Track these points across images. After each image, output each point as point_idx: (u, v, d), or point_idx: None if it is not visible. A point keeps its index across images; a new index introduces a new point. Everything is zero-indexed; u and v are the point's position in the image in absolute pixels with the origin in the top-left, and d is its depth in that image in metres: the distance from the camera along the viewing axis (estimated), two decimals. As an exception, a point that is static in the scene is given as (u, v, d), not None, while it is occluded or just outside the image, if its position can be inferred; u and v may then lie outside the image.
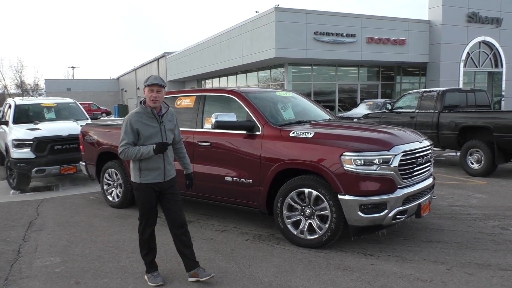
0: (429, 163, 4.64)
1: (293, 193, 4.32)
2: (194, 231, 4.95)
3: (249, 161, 4.67)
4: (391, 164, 4.01)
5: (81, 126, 7.16)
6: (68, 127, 8.03)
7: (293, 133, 4.44)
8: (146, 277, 3.63)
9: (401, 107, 10.31)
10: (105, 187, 6.42)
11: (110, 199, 6.34)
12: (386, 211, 3.98)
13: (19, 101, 9.21)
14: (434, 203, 5.89)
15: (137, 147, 3.40)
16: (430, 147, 4.69)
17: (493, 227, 4.96)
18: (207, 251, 4.33)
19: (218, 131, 4.90)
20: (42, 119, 8.72)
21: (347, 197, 3.96)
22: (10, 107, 8.99)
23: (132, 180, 3.54)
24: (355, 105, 20.07)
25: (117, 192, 6.26)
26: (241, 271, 3.81)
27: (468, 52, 21.71)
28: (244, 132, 4.76)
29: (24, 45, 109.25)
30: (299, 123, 4.94)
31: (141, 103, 3.49)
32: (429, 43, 21.24)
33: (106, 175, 6.35)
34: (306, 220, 4.30)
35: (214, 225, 5.25)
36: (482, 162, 8.13)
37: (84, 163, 6.93)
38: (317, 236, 4.23)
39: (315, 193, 4.17)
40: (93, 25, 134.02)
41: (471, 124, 8.33)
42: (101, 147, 6.35)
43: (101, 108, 39.70)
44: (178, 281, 3.62)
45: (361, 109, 16.16)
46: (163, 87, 3.43)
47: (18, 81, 54.62)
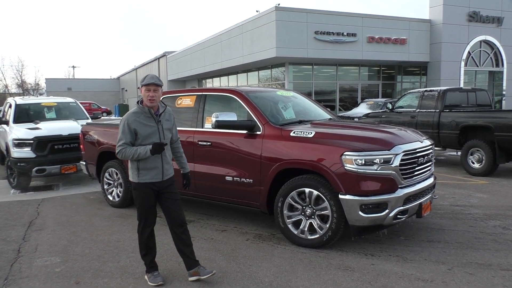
0: (430, 162, 4.63)
1: (293, 193, 4.31)
2: (195, 231, 4.95)
3: (250, 160, 4.66)
4: (392, 164, 4.00)
5: (82, 125, 7.16)
6: (69, 127, 8.04)
7: (294, 132, 4.43)
8: (146, 277, 3.62)
9: (401, 107, 10.30)
10: (105, 186, 6.41)
11: (111, 198, 6.34)
12: (387, 211, 3.97)
13: (20, 100, 9.21)
14: (435, 203, 5.88)
15: (134, 147, 3.40)
16: (431, 146, 4.67)
17: (494, 227, 4.95)
18: (207, 250, 4.32)
19: (219, 130, 4.89)
20: (42, 118, 8.72)
21: (348, 197, 3.95)
22: (10, 106, 8.98)
23: (131, 180, 3.54)
24: (355, 104, 20.04)
25: (118, 192, 6.25)
26: (241, 271, 3.81)
27: (469, 52, 21.68)
28: (245, 131, 4.75)
29: (25, 45, 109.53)
30: (300, 122, 4.93)
31: (138, 103, 3.49)
32: (429, 43, 21.21)
33: (107, 174, 6.34)
34: (307, 220, 4.29)
35: (214, 225, 5.24)
36: (483, 161, 8.11)
37: (84, 163, 6.93)
38: (317, 236, 4.22)
39: (315, 193, 4.16)
40: (93, 24, 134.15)
41: (472, 123, 8.32)
42: (102, 147, 6.35)
43: (102, 107, 39.72)
44: (178, 280, 3.62)
45: (362, 109, 16.14)
46: (160, 86, 3.43)
47: (19, 80, 54.71)
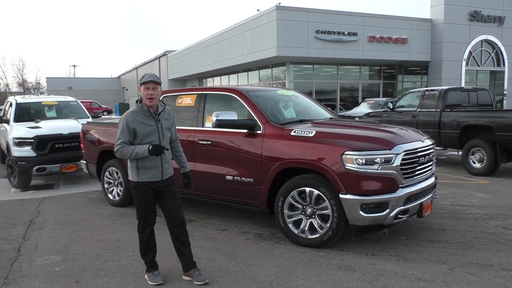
0: (431, 162, 4.61)
1: (294, 192, 4.30)
2: (195, 230, 4.95)
3: (250, 160, 4.65)
4: (392, 163, 3.99)
5: (82, 124, 7.15)
6: (69, 126, 8.05)
7: (295, 132, 4.42)
8: (146, 276, 3.62)
9: (402, 106, 10.28)
10: (105, 185, 6.41)
11: (111, 197, 6.34)
12: (387, 210, 3.96)
13: (20, 99, 9.21)
14: (436, 203, 5.87)
15: (132, 146, 3.39)
16: (432, 146, 4.66)
17: (495, 227, 4.94)
18: (207, 250, 4.31)
19: (219, 129, 4.89)
20: (43, 117, 8.73)
21: (348, 196, 3.94)
22: (11, 105, 8.99)
23: (130, 179, 3.53)
24: (356, 104, 20.01)
25: (118, 191, 6.25)
26: (241, 270, 3.80)
27: (470, 51, 21.62)
28: (245, 130, 4.74)
29: (26, 44, 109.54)
30: (301, 122, 4.91)
31: (137, 102, 3.48)
32: (431, 42, 21.15)
33: (107, 173, 6.34)
34: (307, 219, 4.28)
35: (214, 224, 5.24)
36: (484, 161, 8.09)
37: (85, 162, 6.93)
38: (318, 235, 4.21)
39: (316, 192, 4.15)
40: (94, 23, 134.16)
41: (473, 123, 8.30)
42: (102, 146, 6.35)
43: (103, 106, 39.67)
44: (178, 280, 3.61)
45: (363, 108, 16.12)
46: (159, 84, 3.43)
47: (19, 79, 54.66)
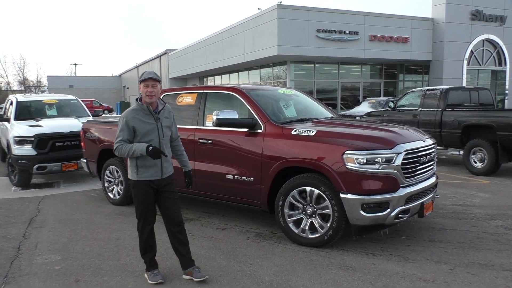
0: (432, 162, 4.60)
1: (294, 192, 4.29)
2: (195, 229, 4.94)
3: (251, 159, 4.63)
4: (394, 163, 3.97)
5: (83, 123, 7.14)
6: (70, 124, 8.04)
7: (295, 131, 4.41)
8: (146, 275, 3.61)
9: (403, 105, 10.26)
10: (106, 184, 6.40)
11: (111, 196, 6.33)
12: (388, 210, 3.95)
13: (21, 97, 9.20)
14: (437, 202, 5.84)
15: (130, 144, 3.38)
16: (433, 145, 4.64)
17: (496, 227, 4.92)
18: (207, 249, 4.30)
19: (220, 128, 4.88)
20: (43, 116, 8.72)
21: (349, 196, 3.92)
22: (11, 103, 8.98)
23: (129, 178, 3.52)
24: (357, 103, 20.01)
25: (118, 190, 6.24)
26: (241, 269, 3.79)
27: (471, 50, 21.58)
28: (246, 130, 4.73)
29: (27, 42, 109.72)
30: (301, 121, 4.90)
31: (137, 100, 3.47)
32: (432, 41, 21.12)
33: (107, 172, 6.33)
34: (308, 218, 4.27)
35: (215, 223, 5.23)
36: (485, 161, 8.07)
37: (85, 160, 6.92)
38: (318, 235, 4.20)
39: (316, 191, 4.14)
40: (95, 22, 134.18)
41: (474, 122, 8.28)
42: (102, 144, 6.34)
43: (103, 105, 39.73)
44: (178, 279, 3.60)
45: (364, 107, 16.11)
46: (158, 81, 3.42)
47: (20, 77, 54.75)
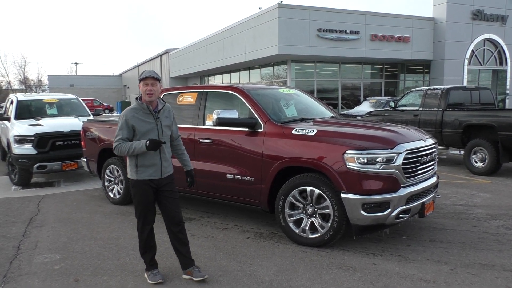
0: (433, 161, 4.58)
1: (295, 191, 4.27)
2: (195, 229, 4.93)
3: (251, 158, 4.62)
4: (394, 163, 3.96)
5: (83, 122, 7.14)
6: (70, 123, 8.04)
7: (296, 130, 4.39)
8: (146, 275, 3.60)
9: (404, 105, 10.25)
10: (106, 183, 6.39)
11: (111, 195, 6.32)
12: (389, 210, 3.93)
13: (21, 96, 9.20)
14: (437, 202, 5.83)
15: (130, 142, 3.37)
16: (434, 145, 4.62)
17: (497, 227, 4.90)
18: (207, 249, 4.29)
19: (220, 128, 4.86)
20: (44, 115, 8.71)
21: (349, 195, 3.91)
22: (12, 102, 8.98)
23: (129, 177, 3.51)
24: (358, 102, 20.00)
25: (118, 189, 6.23)
26: (241, 269, 3.78)
27: (472, 50, 21.55)
28: (246, 129, 4.72)
29: (28, 41, 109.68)
30: (302, 120, 4.88)
31: (137, 99, 3.46)
32: (433, 41, 21.09)
33: (108, 171, 6.32)
34: (308, 218, 4.26)
35: (215, 223, 5.22)
36: (486, 161, 8.06)
37: (85, 159, 6.92)
38: (319, 235, 4.19)
39: (317, 191, 4.12)
40: (96, 21, 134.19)
41: (475, 122, 8.26)
42: (103, 144, 6.33)
43: (104, 104, 39.73)
44: (178, 279, 3.59)
45: (364, 107, 16.08)
46: (158, 80, 3.41)
47: (21, 77, 54.71)
